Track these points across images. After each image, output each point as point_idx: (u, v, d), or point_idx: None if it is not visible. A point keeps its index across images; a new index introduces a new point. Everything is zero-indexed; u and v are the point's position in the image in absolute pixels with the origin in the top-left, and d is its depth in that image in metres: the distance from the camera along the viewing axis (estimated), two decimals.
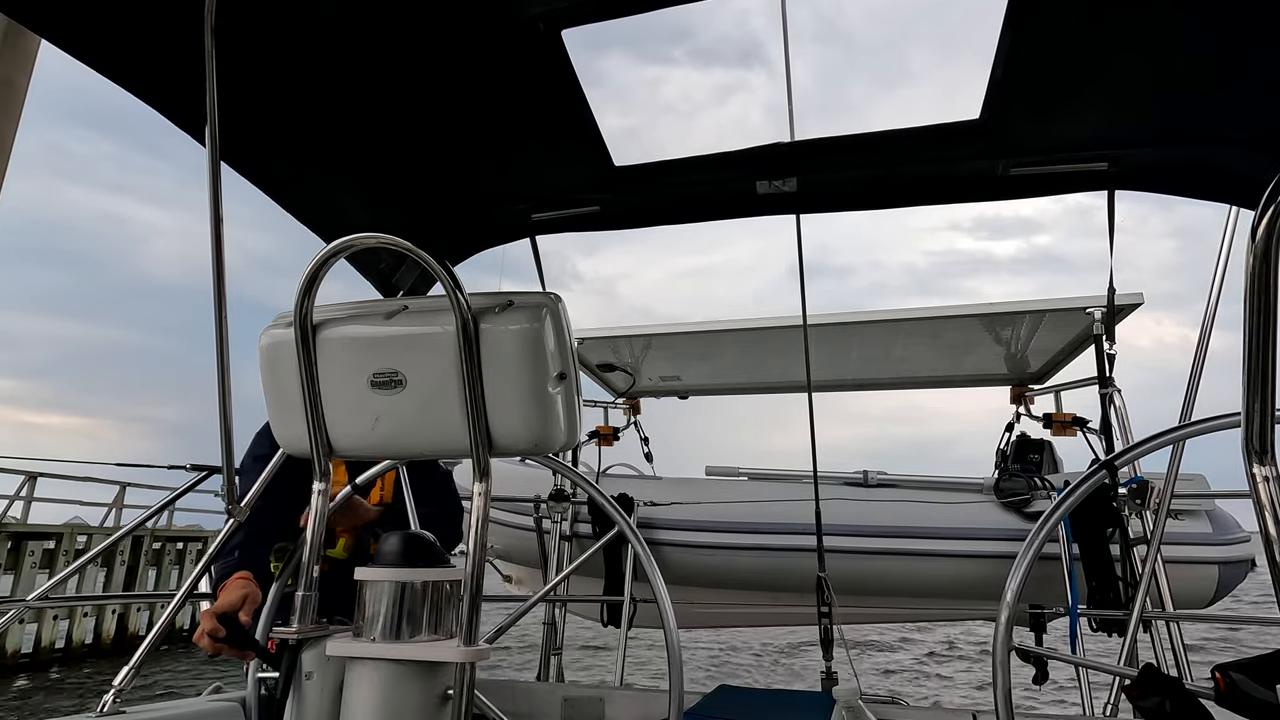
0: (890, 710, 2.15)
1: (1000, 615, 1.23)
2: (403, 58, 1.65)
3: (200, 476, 2.06)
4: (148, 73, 1.51)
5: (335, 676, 1.08)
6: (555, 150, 2.03)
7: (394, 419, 1.13)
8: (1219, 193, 1.95)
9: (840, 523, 3.52)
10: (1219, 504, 3.67)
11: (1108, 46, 1.56)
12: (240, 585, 1.35)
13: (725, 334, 3.84)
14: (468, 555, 1.07)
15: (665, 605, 1.20)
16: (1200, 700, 1.08)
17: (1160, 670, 1.15)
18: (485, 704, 1.48)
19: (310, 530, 1.17)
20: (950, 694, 9.75)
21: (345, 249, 1.04)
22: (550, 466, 1.24)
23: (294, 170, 1.90)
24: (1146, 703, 1.12)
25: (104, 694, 1.49)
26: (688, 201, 2.24)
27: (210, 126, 1.44)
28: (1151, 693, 1.13)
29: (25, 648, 12.61)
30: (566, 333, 1.14)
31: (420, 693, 1.02)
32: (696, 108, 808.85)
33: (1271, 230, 0.81)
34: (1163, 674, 1.13)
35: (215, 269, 1.55)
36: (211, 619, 1.24)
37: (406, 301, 1.15)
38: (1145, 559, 2.61)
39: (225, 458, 1.69)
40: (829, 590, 2.99)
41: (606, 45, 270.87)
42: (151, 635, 1.70)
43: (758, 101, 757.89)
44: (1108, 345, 3.04)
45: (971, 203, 2.16)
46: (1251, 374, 0.89)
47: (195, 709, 1.61)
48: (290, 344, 1.12)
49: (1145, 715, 1.14)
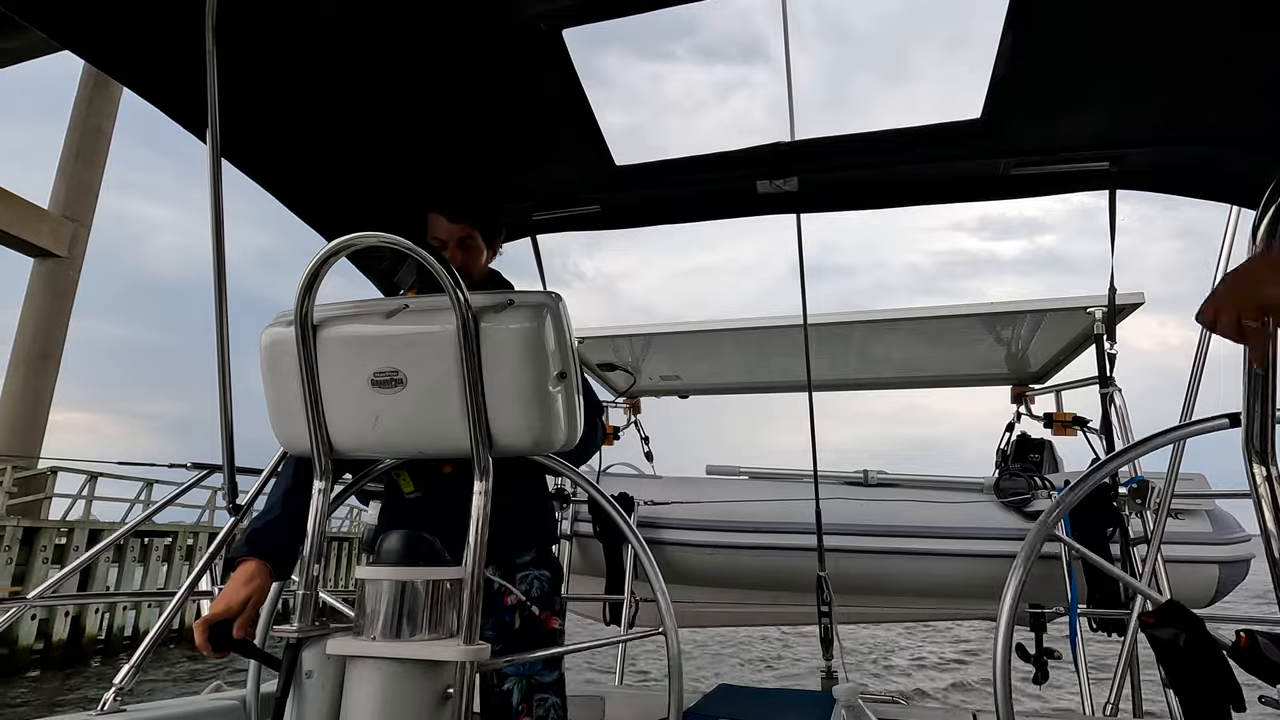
0: (890, 710, 2.16)
1: (1000, 615, 1.23)
2: (404, 57, 1.65)
3: (202, 474, 2.06)
4: (149, 70, 1.51)
5: (336, 675, 1.08)
6: (556, 150, 2.03)
7: (394, 418, 1.13)
8: (1219, 193, 1.95)
9: (840, 522, 3.52)
10: (1219, 504, 3.66)
11: (1109, 46, 1.55)
12: (244, 581, 1.26)
13: (726, 333, 3.84)
14: (468, 555, 1.07)
15: (665, 604, 1.20)
16: (1218, 648, 1.08)
17: (1185, 608, 1.15)
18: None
19: (310, 530, 1.16)
20: (951, 694, 9.76)
21: (346, 247, 1.04)
22: (550, 465, 1.24)
23: (295, 168, 1.90)
24: (1162, 633, 1.12)
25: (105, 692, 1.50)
26: (688, 201, 2.24)
27: (211, 124, 1.44)
28: (1170, 624, 1.12)
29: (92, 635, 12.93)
30: (567, 332, 1.14)
31: (420, 692, 1.02)
32: (699, 105, 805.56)
33: (1272, 230, 0.81)
34: (1187, 610, 1.13)
35: (216, 266, 1.55)
36: (203, 630, 1.18)
37: (407, 300, 1.15)
38: (1145, 559, 2.61)
39: (226, 456, 1.69)
40: (829, 590, 2.99)
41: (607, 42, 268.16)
42: (152, 634, 1.70)
43: (760, 98, 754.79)
44: (1108, 345, 3.03)
45: (973, 202, 2.16)
46: (1252, 374, 0.89)
47: (196, 707, 1.61)
48: (291, 342, 1.12)
49: (1158, 646, 1.14)
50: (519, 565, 1.60)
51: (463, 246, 1.59)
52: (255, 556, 1.30)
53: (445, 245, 1.59)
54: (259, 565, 1.29)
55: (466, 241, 1.60)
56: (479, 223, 1.61)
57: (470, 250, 1.60)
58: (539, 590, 1.59)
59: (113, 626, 13.80)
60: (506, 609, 1.56)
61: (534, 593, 1.58)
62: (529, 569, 1.60)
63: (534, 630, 1.56)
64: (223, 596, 1.25)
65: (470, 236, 1.60)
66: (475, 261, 1.62)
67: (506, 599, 1.56)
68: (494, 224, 1.66)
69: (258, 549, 1.31)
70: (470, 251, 1.60)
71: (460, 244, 1.59)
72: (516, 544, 1.61)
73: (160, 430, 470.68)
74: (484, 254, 1.64)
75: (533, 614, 1.56)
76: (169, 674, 11.03)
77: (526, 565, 1.60)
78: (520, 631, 1.55)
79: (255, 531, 1.34)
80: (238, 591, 1.25)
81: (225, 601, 1.23)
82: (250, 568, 1.28)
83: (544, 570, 1.62)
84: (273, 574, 1.31)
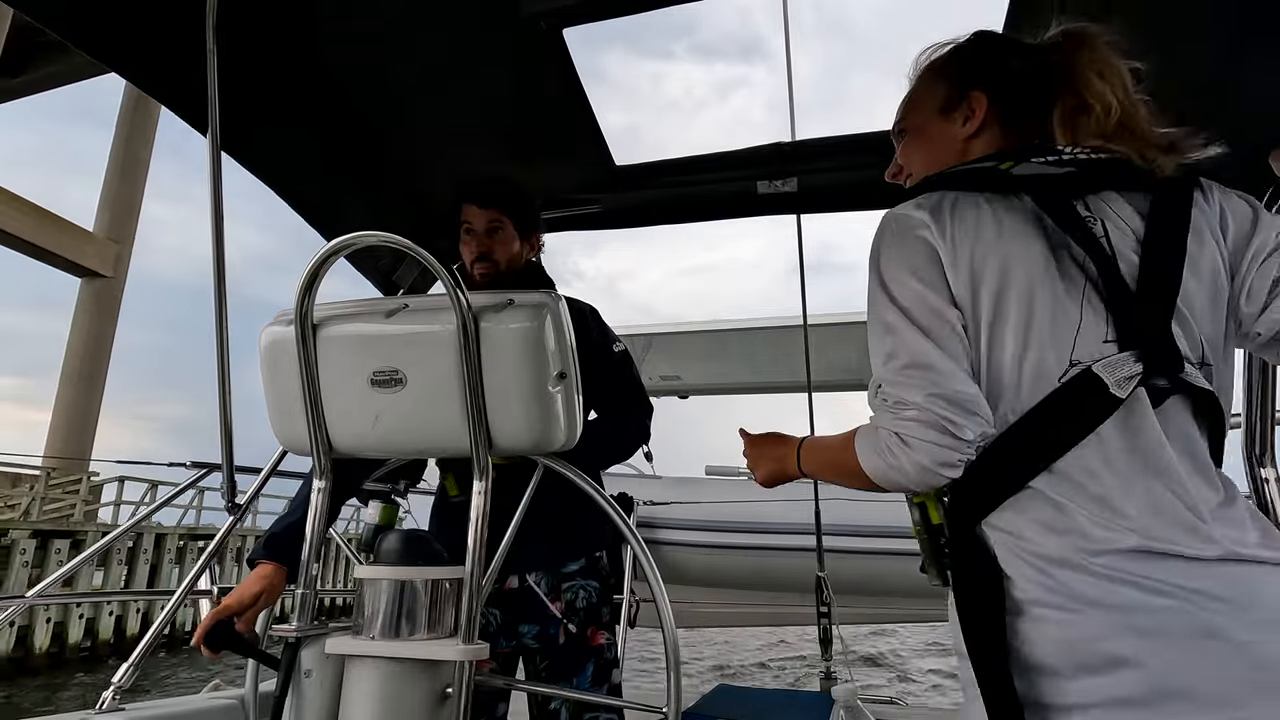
0: (890, 710, 2.16)
1: None
2: (404, 56, 1.65)
3: (201, 474, 2.06)
4: (151, 64, 1.51)
5: (335, 674, 1.08)
6: (556, 149, 2.03)
7: (394, 417, 1.13)
8: None
9: (840, 523, 3.52)
10: None
11: None
12: (258, 578, 1.27)
13: (726, 333, 3.85)
14: (468, 555, 1.07)
15: (664, 605, 1.20)
16: None
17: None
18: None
19: (310, 530, 1.16)
20: (953, 694, 9.75)
21: (346, 247, 1.04)
22: (550, 466, 1.24)
23: (295, 165, 1.90)
24: None
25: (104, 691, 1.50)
26: (688, 201, 2.24)
27: (211, 120, 1.44)
28: None
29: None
30: (567, 332, 1.14)
31: (420, 691, 1.02)
32: (698, 105, 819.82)
33: None
34: None
35: (216, 265, 1.55)
36: (206, 628, 1.18)
37: (407, 300, 1.15)
38: None
39: (225, 455, 1.69)
40: (828, 590, 2.99)
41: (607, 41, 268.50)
42: (151, 633, 1.70)
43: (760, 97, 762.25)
44: None
45: None
46: (1252, 376, 0.89)
47: (195, 707, 1.61)
48: (290, 342, 1.12)
49: None
50: (566, 575, 1.55)
51: (490, 233, 1.60)
52: (272, 560, 1.29)
53: (474, 231, 1.60)
54: (276, 568, 1.29)
55: (494, 225, 1.60)
56: (508, 209, 1.61)
57: (498, 236, 1.60)
58: (585, 602, 1.54)
59: (96, 633, 13.44)
60: (553, 620, 1.51)
61: (580, 604, 1.53)
62: (575, 579, 1.55)
63: (580, 646, 1.51)
64: (235, 591, 1.26)
65: (498, 221, 1.60)
66: (505, 248, 1.61)
67: (554, 606, 1.52)
68: (526, 213, 1.65)
69: (274, 552, 1.30)
70: (498, 237, 1.60)
71: (488, 230, 1.60)
72: (564, 553, 1.56)
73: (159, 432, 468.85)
74: (516, 242, 1.63)
75: (578, 628, 1.52)
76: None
77: (573, 575, 1.55)
78: (565, 646, 1.51)
79: (274, 536, 1.34)
80: (251, 586, 1.25)
81: (238, 595, 1.24)
82: (267, 569, 1.29)
83: (592, 580, 1.57)
84: (289, 577, 1.31)
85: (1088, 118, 0.82)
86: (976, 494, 0.75)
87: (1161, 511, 0.69)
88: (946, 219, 0.80)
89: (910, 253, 0.80)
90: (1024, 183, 0.79)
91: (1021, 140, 0.87)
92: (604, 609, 1.57)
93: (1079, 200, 0.79)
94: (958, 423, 0.72)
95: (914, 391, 0.74)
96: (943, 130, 0.93)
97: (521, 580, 1.53)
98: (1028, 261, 0.76)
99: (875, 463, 0.77)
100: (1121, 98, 0.82)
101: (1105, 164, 0.79)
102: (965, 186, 0.82)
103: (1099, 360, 0.73)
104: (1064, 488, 0.72)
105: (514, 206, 1.62)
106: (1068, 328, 0.74)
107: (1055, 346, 0.74)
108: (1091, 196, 0.80)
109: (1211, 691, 0.63)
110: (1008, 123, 0.90)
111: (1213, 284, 0.77)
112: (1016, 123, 0.89)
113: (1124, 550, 0.68)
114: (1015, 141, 0.88)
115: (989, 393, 0.76)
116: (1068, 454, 0.72)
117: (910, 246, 0.80)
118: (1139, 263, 0.76)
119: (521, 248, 1.65)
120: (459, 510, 1.54)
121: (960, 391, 0.73)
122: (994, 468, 0.74)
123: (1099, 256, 0.76)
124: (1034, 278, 0.76)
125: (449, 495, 1.60)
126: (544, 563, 1.54)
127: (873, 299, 0.83)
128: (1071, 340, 0.74)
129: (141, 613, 13.72)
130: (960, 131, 0.91)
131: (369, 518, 2.00)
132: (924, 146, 0.96)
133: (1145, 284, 0.75)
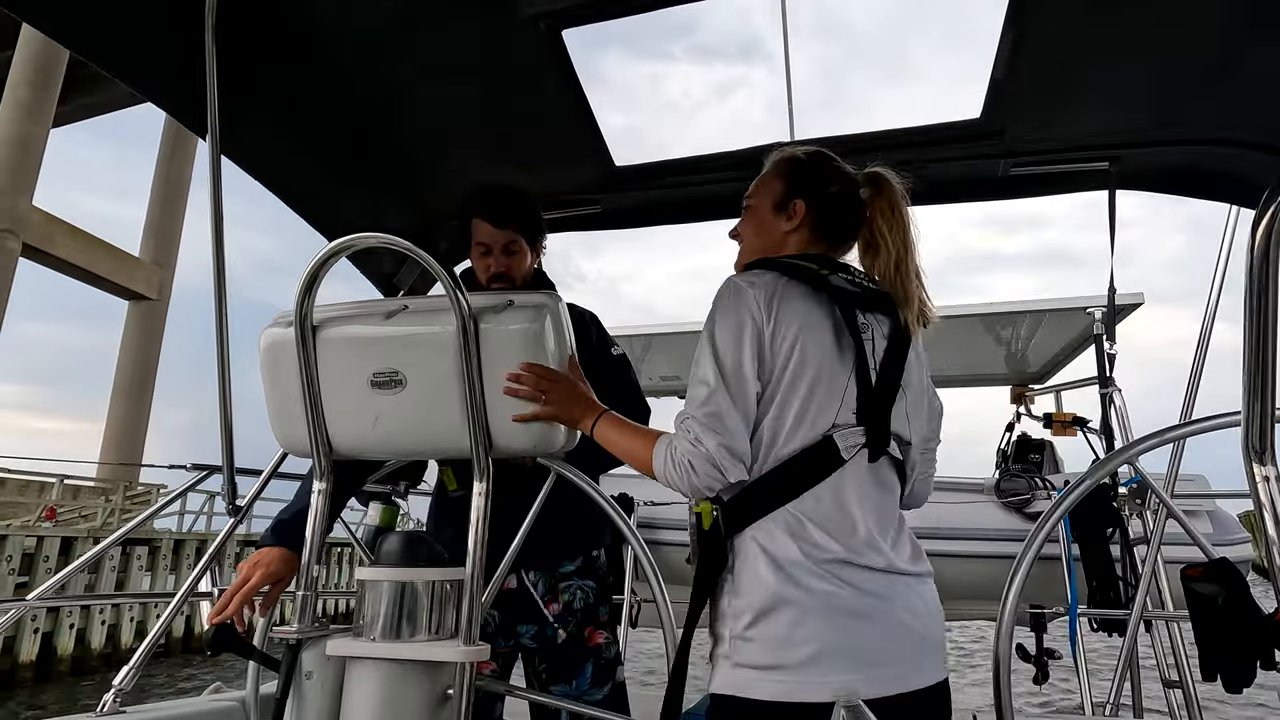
0: None
1: (1000, 615, 1.23)
2: (404, 57, 1.65)
3: (201, 475, 2.06)
4: (149, 69, 1.51)
5: (336, 676, 1.07)
6: (556, 150, 2.03)
7: (394, 418, 1.13)
8: (1219, 192, 1.95)
9: None
10: (1219, 504, 3.66)
11: (1109, 46, 1.55)
12: (258, 559, 1.27)
13: None
14: (468, 556, 1.07)
15: (665, 605, 1.20)
16: (1259, 616, 1.10)
17: (1235, 567, 1.18)
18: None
19: (310, 531, 1.16)
20: (954, 694, 9.72)
21: (346, 248, 1.04)
22: (550, 466, 1.24)
23: (295, 166, 1.90)
24: (1204, 588, 1.18)
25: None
26: (688, 201, 2.24)
27: (211, 123, 1.44)
28: (1215, 580, 1.17)
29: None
30: (566, 332, 1.14)
31: (420, 692, 1.02)
32: (698, 105, 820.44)
33: (1271, 230, 0.81)
34: (1236, 570, 1.17)
35: (216, 266, 1.55)
36: (212, 620, 1.21)
37: (407, 301, 1.15)
38: (1145, 559, 2.60)
39: (226, 457, 1.69)
40: None
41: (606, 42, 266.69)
42: (151, 635, 1.70)
43: (759, 97, 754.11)
44: (1108, 345, 3.03)
45: (972, 202, 2.16)
46: (1252, 374, 0.89)
47: (195, 709, 1.61)
48: (290, 343, 1.12)
49: (1193, 599, 1.19)
50: (563, 575, 1.56)
51: (508, 252, 1.61)
52: (280, 545, 1.29)
53: (490, 250, 1.61)
54: (279, 551, 1.28)
55: (511, 247, 1.61)
56: (523, 228, 1.62)
57: (515, 255, 1.62)
58: (582, 602, 1.55)
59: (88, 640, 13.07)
60: (550, 620, 1.53)
61: (577, 604, 1.55)
62: (572, 579, 1.56)
63: (578, 646, 1.53)
64: (238, 573, 1.26)
65: (515, 242, 1.62)
66: (520, 266, 1.63)
67: (550, 607, 1.53)
68: (537, 228, 1.67)
69: (283, 537, 1.30)
70: (516, 257, 1.62)
71: (505, 249, 1.61)
72: (560, 552, 1.57)
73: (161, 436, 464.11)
74: (528, 257, 1.65)
75: (575, 628, 1.53)
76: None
77: (570, 575, 1.57)
78: (563, 646, 1.52)
79: (281, 523, 1.34)
80: (251, 569, 1.25)
81: (242, 575, 1.24)
82: (271, 552, 1.28)
83: (588, 580, 1.58)
84: (292, 561, 1.29)
85: (876, 257, 1.14)
86: (746, 509, 1.03)
87: (857, 533, 1.01)
88: (776, 303, 1.04)
89: (738, 325, 1.03)
90: (832, 289, 1.07)
91: (827, 246, 1.17)
92: (601, 609, 1.58)
93: (862, 312, 1.09)
94: (730, 469, 1.00)
95: (711, 438, 0.99)
96: (773, 221, 1.20)
97: (520, 579, 1.54)
98: (822, 350, 1.05)
99: (664, 467, 1.03)
100: (899, 246, 1.13)
101: (880, 295, 1.11)
102: (793, 276, 1.08)
103: (840, 429, 1.03)
104: (804, 510, 1.01)
105: (528, 224, 1.64)
106: (832, 405, 1.04)
107: (822, 415, 1.03)
108: (868, 312, 1.10)
109: (869, 652, 0.97)
110: (817, 230, 1.17)
111: (919, 392, 1.15)
112: (825, 233, 1.17)
113: (835, 558, 0.99)
114: (822, 247, 1.17)
115: (769, 440, 1.03)
116: (811, 489, 1.01)
117: (741, 318, 1.04)
118: (879, 369, 1.07)
119: (532, 260, 1.68)
120: (457, 505, 1.55)
121: (739, 449, 1.01)
122: (762, 493, 1.02)
123: (861, 358, 1.06)
124: (823, 363, 1.04)
125: (447, 490, 1.61)
126: (541, 562, 1.54)
127: (701, 350, 1.06)
128: (834, 413, 1.04)
129: (136, 622, 13.59)
130: (784, 226, 1.18)
131: (369, 519, 2.00)
132: (757, 227, 1.23)
133: (880, 384, 1.07)
